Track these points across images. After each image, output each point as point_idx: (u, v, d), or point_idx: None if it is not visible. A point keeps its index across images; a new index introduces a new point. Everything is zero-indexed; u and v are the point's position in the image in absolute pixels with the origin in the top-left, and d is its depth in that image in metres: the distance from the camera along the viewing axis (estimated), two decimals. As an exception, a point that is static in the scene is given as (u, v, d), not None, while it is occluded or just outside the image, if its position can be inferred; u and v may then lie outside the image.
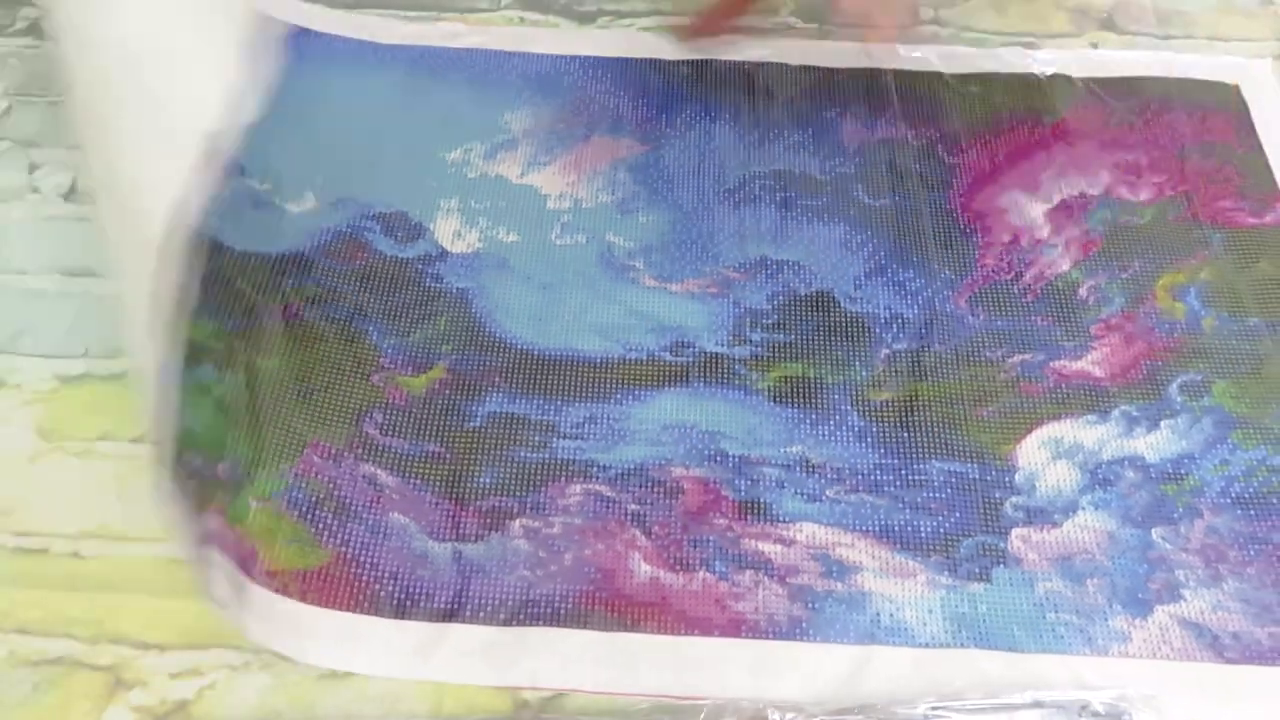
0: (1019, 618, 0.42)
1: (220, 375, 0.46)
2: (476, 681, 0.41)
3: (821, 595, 0.43)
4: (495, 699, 0.40)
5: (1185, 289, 0.52)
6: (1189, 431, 0.47)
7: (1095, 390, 0.48)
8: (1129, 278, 0.52)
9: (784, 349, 0.50)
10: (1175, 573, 0.43)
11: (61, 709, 0.40)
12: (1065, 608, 0.42)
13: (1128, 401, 0.48)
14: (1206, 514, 0.45)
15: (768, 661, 0.42)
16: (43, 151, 0.58)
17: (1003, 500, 0.45)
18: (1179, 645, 0.41)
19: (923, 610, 0.42)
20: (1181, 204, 0.55)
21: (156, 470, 0.40)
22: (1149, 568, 0.43)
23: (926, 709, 0.40)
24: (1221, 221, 0.54)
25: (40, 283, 0.53)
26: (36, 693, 0.41)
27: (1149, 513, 0.45)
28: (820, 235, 0.54)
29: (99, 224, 0.42)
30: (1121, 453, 0.47)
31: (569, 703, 0.41)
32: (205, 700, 0.41)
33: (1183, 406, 0.48)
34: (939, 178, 0.57)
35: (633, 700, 0.40)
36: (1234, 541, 0.44)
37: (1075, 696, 0.40)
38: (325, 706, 0.40)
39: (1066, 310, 0.51)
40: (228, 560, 0.42)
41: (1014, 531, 0.44)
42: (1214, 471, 0.46)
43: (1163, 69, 0.62)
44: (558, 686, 0.41)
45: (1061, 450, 0.47)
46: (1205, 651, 0.41)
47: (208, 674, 0.41)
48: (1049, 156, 0.58)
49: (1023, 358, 0.50)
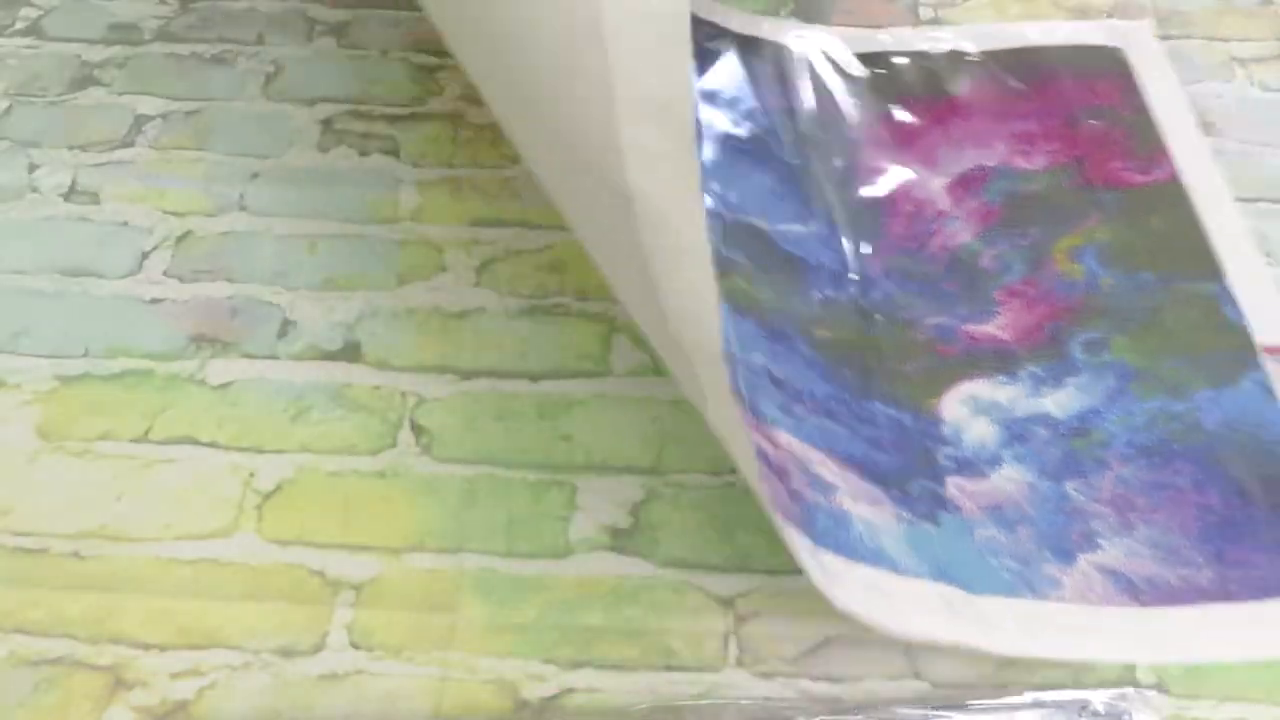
0: (966, 560, 0.43)
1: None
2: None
3: (811, 506, 0.43)
4: (495, 698, 0.40)
5: (1082, 251, 0.53)
6: (1092, 387, 0.48)
7: (1004, 352, 0.49)
8: (1028, 244, 0.53)
9: (730, 264, 0.51)
10: (1091, 523, 0.44)
11: (61, 709, 0.40)
12: (1003, 554, 0.43)
13: (1034, 362, 0.49)
14: (1115, 465, 0.46)
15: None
16: (43, 151, 0.58)
17: (936, 449, 0.46)
18: (1101, 591, 0.42)
19: (893, 539, 0.43)
20: (1074, 169, 0.56)
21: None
22: (1067, 519, 0.44)
23: (927, 709, 0.40)
24: (1112, 182, 0.55)
25: (40, 283, 0.53)
26: (36, 693, 0.41)
27: (1062, 467, 0.46)
28: (753, 178, 0.55)
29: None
30: (1032, 410, 0.47)
31: (569, 703, 0.41)
32: (205, 700, 0.41)
33: (1085, 364, 0.49)
34: (844, 152, 0.58)
35: (633, 700, 0.41)
36: (1141, 490, 0.45)
37: (1075, 696, 0.40)
38: (325, 706, 0.40)
39: (971, 279, 0.52)
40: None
41: (949, 479, 0.45)
42: (1118, 423, 0.47)
43: (1048, 37, 0.63)
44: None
45: (980, 407, 0.48)
46: (1124, 596, 0.42)
47: (208, 674, 0.41)
48: (945, 131, 0.59)
49: (936, 320, 0.50)
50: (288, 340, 0.51)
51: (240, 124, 0.60)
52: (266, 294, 0.52)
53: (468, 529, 0.45)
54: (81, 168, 0.57)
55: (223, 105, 0.60)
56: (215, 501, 0.45)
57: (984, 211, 0.54)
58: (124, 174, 0.57)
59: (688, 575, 0.44)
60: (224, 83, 0.62)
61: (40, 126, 0.59)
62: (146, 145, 0.59)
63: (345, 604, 0.43)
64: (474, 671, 0.41)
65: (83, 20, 0.65)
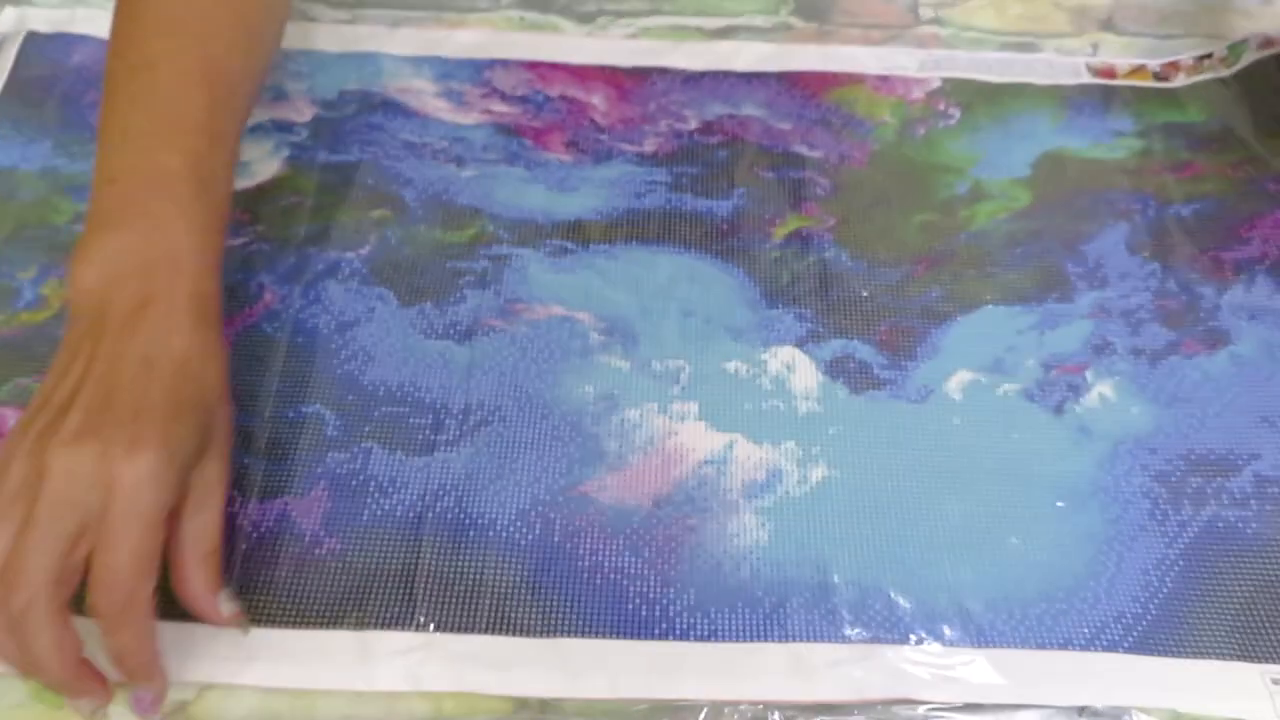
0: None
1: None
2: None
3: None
4: (495, 700, 0.41)
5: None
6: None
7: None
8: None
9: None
10: None
11: (62, 709, 0.40)
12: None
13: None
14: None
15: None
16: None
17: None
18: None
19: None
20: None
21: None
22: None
23: (927, 710, 0.41)
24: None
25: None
26: (36, 693, 0.40)
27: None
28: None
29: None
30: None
31: (569, 703, 0.41)
32: (205, 700, 0.41)
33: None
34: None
35: (632, 700, 0.41)
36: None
37: (1075, 701, 0.41)
38: (325, 707, 0.41)
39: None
40: None
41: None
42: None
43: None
44: None
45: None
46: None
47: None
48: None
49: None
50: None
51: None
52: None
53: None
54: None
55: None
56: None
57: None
58: None
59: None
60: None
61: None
62: None
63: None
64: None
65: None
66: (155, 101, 0.46)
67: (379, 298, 0.52)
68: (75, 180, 0.56)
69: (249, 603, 0.42)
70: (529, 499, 0.46)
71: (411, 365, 0.50)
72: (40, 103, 0.59)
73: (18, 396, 0.48)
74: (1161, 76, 0.63)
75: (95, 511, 0.36)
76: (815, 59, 0.64)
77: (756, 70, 0.63)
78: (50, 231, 0.54)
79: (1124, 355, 0.51)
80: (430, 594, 0.43)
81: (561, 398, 0.49)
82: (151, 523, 0.36)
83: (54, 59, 0.61)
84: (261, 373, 0.49)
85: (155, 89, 0.46)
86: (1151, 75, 0.63)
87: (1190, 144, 0.60)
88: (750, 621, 0.43)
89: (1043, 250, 0.55)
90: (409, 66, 0.62)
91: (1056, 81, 0.63)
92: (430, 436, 0.47)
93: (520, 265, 0.53)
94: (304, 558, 0.44)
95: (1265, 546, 0.45)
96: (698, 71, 0.63)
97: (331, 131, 0.59)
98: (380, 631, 0.42)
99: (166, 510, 0.37)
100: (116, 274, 0.41)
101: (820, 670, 0.42)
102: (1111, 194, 0.58)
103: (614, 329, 0.51)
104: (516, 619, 0.43)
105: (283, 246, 0.54)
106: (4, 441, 0.39)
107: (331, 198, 0.56)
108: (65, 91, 0.60)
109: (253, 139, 0.58)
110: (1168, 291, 0.53)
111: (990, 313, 0.53)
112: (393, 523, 0.45)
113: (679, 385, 0.49)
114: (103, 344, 0.40)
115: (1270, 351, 0.51)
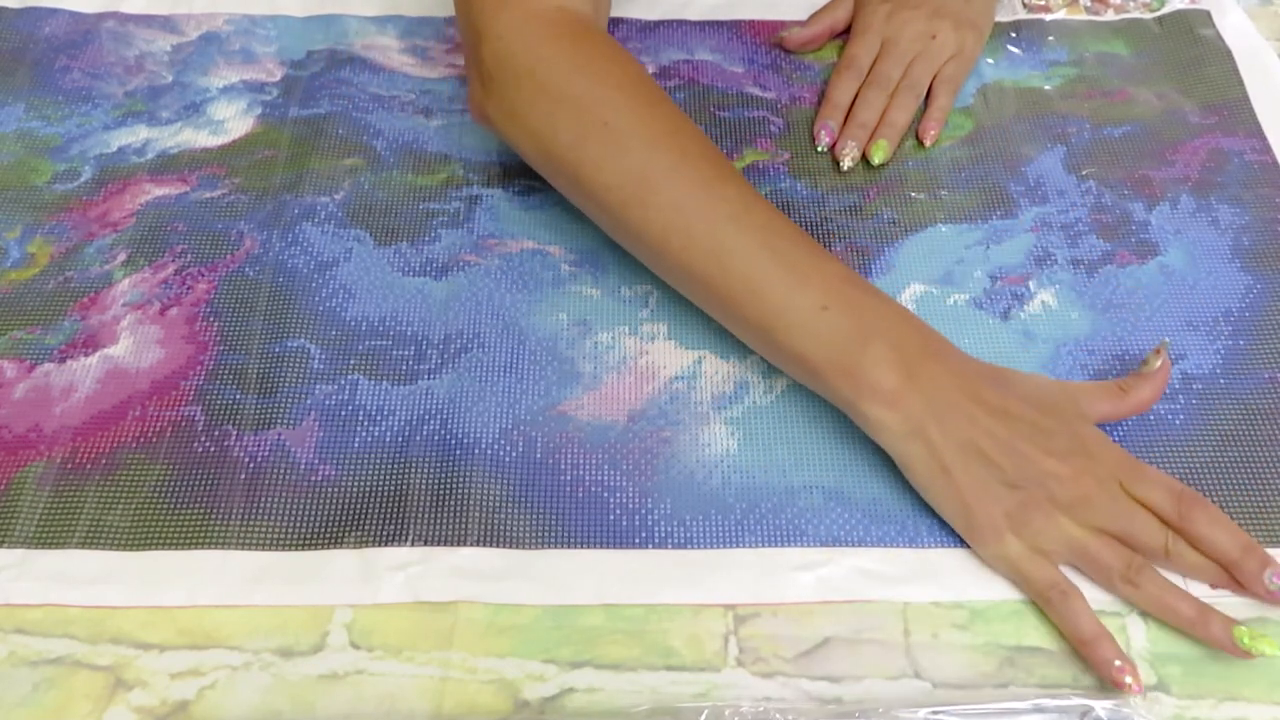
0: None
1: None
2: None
3: None
4: (495, 698, 0.41)
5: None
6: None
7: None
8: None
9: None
10: None
11: (61, 709, 0.41)
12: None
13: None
14: None
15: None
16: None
17: None
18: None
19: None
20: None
21: None
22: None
23: (927, 712, 0.41)
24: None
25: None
26: (36, 693, 0.41)
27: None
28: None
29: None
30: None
31: (569, 703, 0.42)
32: (205, 700, 0.41)
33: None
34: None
35: (633, 700, 0.42)
36: None
37: (1078, 702, 0.41)
38: (325, 706, 0.41)
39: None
40: None
41: None
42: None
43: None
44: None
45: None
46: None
47: (208, 674, 0.42)
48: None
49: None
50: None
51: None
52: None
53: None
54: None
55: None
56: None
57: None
58: None
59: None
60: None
61: None
62: None
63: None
64: (474, 671, 0.42)
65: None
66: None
67: (356, 239, 0.54)
68: (51, 142, 0.58)
69: (254, 530, 0.44)
70: (510, 419, 0.48)
71: (391, 301, 0.52)
72: (11, 70, 0.61)
73: (13, 349, 0.50)
74: (1093, 12, 0.66)
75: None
76: (761, 8, 0.66)
77: (709, 19, 0.65)
78: (31, 192, 0.55)
79: (1064, 266, 0.54)
80: (422, 511, 0.45)
81: (537, 324, 0.51)
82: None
83: (25, 31, 0.63)
84: (247, 315, 0.51)
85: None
86: (1084, 9, 0.66)
87: (1120, 73, 0.63)
88: (723, 527, 0.45)
89: (986, 172, 0.58)
90: (373, 25, 0.64)
91: (996, 18, 0.65)
92: (413, 366, 0.49)
93: (491, 204, 0.56)
94: (300, 484, 0.46)
95: (1192, 437, 0.48)
96: (654, 21, 0.65)
97: (302, 88, 0.61)
98: (380, 549, 0.44)
99: None
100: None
101: (788, 573, 0.44)
102: (1049, 118, 0.60)
103: (583, 260, 0.54)
104: (505, 532, 0.45)
105: (260, 196, 0.56)
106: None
107: (304, 148, 0.58)
108: (36, 59, 0.62)
109: (225, 99, 0.60)
110: (1103, 206, 0.56)
111: (939, 231, 0.55)
112: (383, 448, 0.47)
113: (648, 309, 0.52)
114: None
115: (1194, 262, 0.54)
